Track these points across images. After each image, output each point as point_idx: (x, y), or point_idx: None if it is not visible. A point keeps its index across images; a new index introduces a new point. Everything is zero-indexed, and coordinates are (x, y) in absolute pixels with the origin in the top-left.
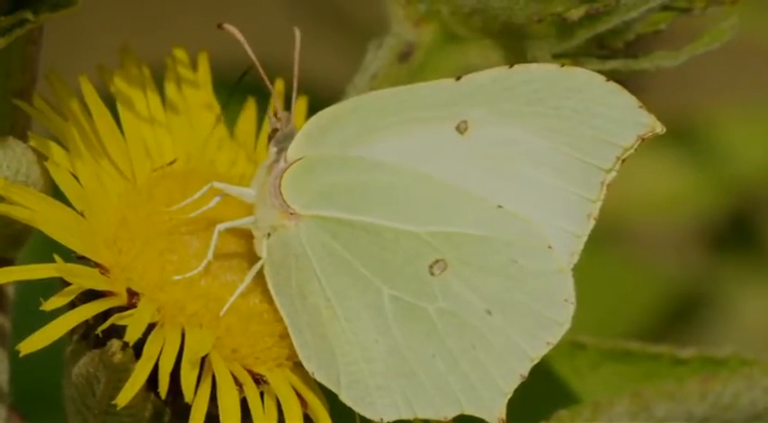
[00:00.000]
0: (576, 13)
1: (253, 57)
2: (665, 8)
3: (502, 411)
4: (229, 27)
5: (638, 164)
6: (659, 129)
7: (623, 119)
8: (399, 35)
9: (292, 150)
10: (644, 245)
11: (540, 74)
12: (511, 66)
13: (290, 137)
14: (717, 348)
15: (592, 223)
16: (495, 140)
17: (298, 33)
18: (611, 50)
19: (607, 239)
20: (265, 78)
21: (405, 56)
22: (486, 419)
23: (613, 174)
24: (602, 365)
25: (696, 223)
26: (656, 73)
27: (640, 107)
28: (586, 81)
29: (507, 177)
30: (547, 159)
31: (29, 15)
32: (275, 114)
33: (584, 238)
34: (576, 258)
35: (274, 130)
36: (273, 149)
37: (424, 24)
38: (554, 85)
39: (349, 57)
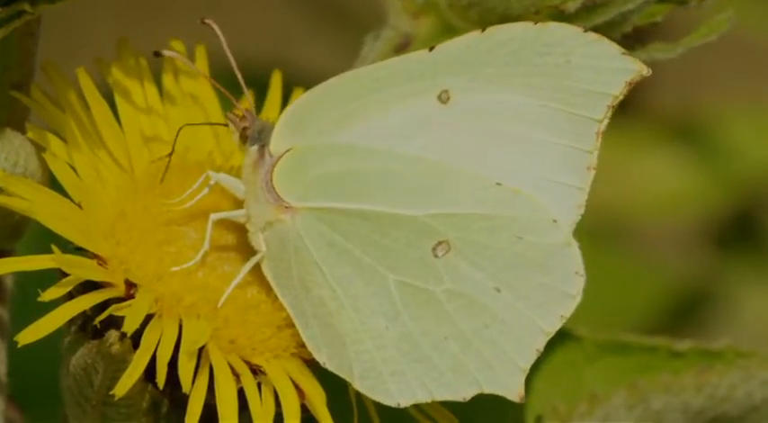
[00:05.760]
0: (572, 5)
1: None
2: (661, 0)
3: (521, 388)
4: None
5: (643, 161)
6: (646, 72)
7: (608, 67)
8: (396, 27)
9: (275, 143)
10: (648, 242)
11: (515, 33)
12: (483, 29)
13: (265, 131)
14: (713, 341)
15: (592, 174)
16: (480, 106)
17: (216, 27)
18: None
19: (611, 236)
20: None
21: (402, 48)
22: (507, 397)
23: (606, 122)
24: (599, 358)
25: (700, 220)
26: (661, 70)
27: (624, 53)
28: (564, 34)
29: (499, 140)
30: (536, 117)
31: (26, 7)
32: (237, 114)
33: (587, 190)
34: (582, 211)
35: (244, 129)
36: (253, 147)
37: (422, 16)
38: (531, 43)
39: (345, 49)
